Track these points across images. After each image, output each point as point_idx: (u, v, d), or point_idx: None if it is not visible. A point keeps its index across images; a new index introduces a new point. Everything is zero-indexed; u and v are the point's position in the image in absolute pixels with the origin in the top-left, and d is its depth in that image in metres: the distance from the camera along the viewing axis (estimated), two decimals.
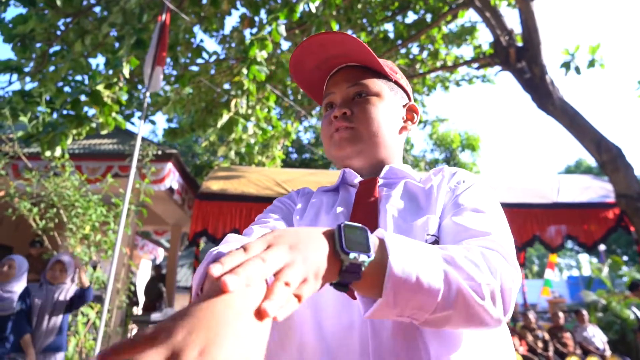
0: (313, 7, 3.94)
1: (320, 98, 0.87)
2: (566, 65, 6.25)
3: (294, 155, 18.80)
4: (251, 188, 6.28)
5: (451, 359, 0.58)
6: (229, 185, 6.27)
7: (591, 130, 5.81)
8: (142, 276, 11.73)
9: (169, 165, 6.36)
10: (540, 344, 5.72)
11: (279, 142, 8.83)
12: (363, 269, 0.47)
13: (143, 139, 5.37)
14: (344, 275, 0.47)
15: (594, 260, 18.66)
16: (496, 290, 0.52)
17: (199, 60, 6.11)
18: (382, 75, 0.82)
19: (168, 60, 5.37)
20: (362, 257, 0.47)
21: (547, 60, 6.16)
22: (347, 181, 0.81)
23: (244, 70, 4.04)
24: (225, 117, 5.02)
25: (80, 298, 3.26)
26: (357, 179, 0.78)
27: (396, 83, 0.84)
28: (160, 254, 12.78)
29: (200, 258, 10.42)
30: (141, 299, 8.35)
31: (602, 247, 13.18)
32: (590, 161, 26.15)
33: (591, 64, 6.20)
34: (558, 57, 6.57)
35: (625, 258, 18.85)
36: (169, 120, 9.97)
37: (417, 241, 0.53)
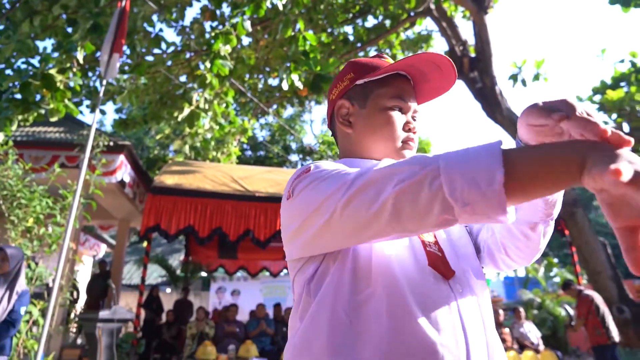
0: (280, 4, 3.93)
1: (372, 75, 0.90)
2: (514, 78, 6.65)
3: (249, 153, 18.59)
4: (207, 184, 6.15)
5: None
6: (184, 180, 6.11)
7: None
8: (84, 273, 11.14)
9: (121, 157, 6.10)
10: None
11: (235, 138, 8.72)
12: None
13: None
14: None
15: None
16: None
17: (156, 51, 5.91)
18: None
19: (124, 48, 5.16)
20: None
21: (497, 72, 6.52)
22: None
23: (207, 64, 3.96)
24: (187, 110, 4.89)
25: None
26: None
27: None
28: (103, 250, 12.19)
29: (151, 254, 10.00)
30: (83, 296, 7.94)
31: None
32: None
33: (536, 77, 6.64)
34: (507, 70, 6.97)
35: (556, 260, 20.26)
36: (118, 111, 9.53)
37: None
